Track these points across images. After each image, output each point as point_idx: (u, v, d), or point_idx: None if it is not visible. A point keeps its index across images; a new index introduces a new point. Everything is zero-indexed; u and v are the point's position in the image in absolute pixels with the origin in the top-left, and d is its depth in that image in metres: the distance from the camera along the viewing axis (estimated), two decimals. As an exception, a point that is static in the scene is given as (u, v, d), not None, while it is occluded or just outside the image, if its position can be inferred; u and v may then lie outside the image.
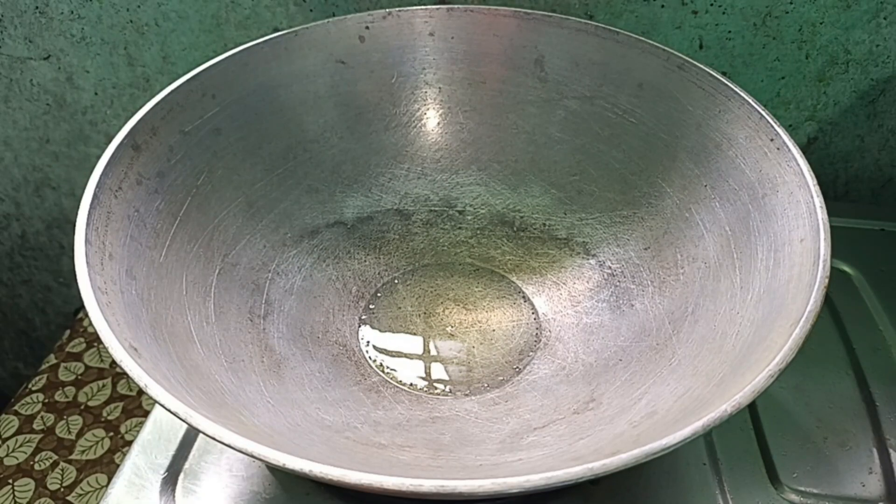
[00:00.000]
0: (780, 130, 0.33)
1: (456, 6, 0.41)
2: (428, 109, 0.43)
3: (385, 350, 0.38)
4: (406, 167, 0.43)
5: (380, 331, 0.39)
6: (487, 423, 0.34)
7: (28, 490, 0.51)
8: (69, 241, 0.70)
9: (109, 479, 0.39)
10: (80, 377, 0.59)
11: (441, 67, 0.42)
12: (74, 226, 0.29)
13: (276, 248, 0.39)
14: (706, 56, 0.48)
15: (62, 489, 0.51)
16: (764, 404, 0.37)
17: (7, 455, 0.53)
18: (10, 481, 0.52)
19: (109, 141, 0.32)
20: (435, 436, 0.33)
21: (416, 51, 0.42)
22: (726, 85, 0.36)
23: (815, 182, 0.31)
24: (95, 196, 0.30)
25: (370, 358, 0.38)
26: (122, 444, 0.54)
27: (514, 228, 0.43)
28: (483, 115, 0.43)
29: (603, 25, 0.40)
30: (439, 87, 0.43)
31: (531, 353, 0.38)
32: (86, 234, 0.28)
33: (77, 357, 0.60)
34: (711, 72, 0.36)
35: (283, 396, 0.32)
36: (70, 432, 0.55)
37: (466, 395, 0.36)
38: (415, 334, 0.39)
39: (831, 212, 0.30)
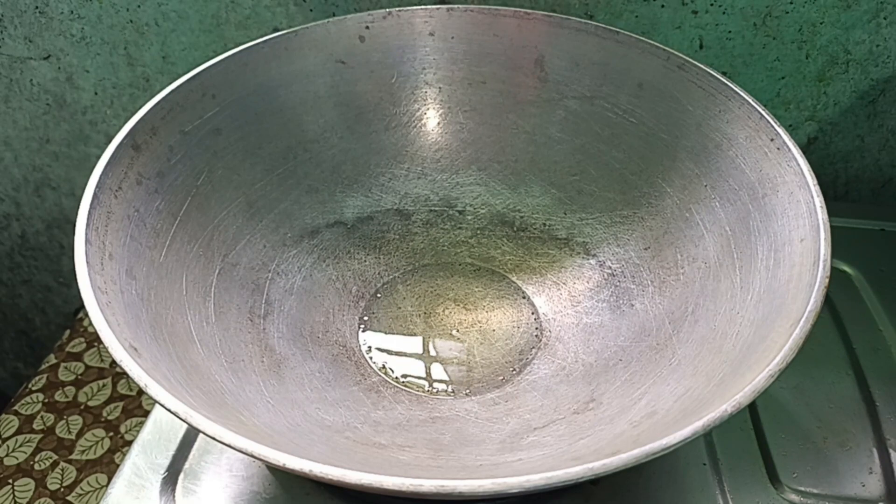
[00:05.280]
0: (780, 130, 0.33)
1: (456, 6, 0.41)
2: (428, 109, 0.43)
3: (385, 350, 0.38)
4: (406, 167, 0.43)
5: (380, 331, 0.39)
6: (487, 423, 0.34)
7: (28, 490, 0.51)
8: (69, 241, 0.70)
9: (109, 479, 0.39)
10: (80, 377, 0.59)
11: (441, 67, 0.42)
12: (74, 226, 0.29)
13: (276, 248, 0.39)
14: (706, 56, 0.48)
15: (62, 489, 0.51)
16: (764, 404, 0.37)
17: (7, 455, 0.53)
18: (10, 481, 0.52)
19: (109, 141, 0.32)
20: (435, 436, 0.33)
21: (416, 51, 0.42)
22: (726, 85, 0.36)
23: (815, 182, 0.31)
24: (95, 196, 0.30)
25: (370, 358, 0.38)
26: (122, 444, 0.54)
27: (515, 228, 0.43)
28: (483, 115, 0.43)
29: (603, 25, 0.40)
30: (439, 87, 0.43)
31: (531, 353, 0.38)
32: (86, 234, 0.28)
33: (77, 357, 0.60)
34: (711, 72, 0.36)
35: (283, 396, 0.32)
36: (70, 432, 0.55)
37: (466, 395, 0.36)
38: (415, 334, 0.39)
39: (831, 212, 0.30)
